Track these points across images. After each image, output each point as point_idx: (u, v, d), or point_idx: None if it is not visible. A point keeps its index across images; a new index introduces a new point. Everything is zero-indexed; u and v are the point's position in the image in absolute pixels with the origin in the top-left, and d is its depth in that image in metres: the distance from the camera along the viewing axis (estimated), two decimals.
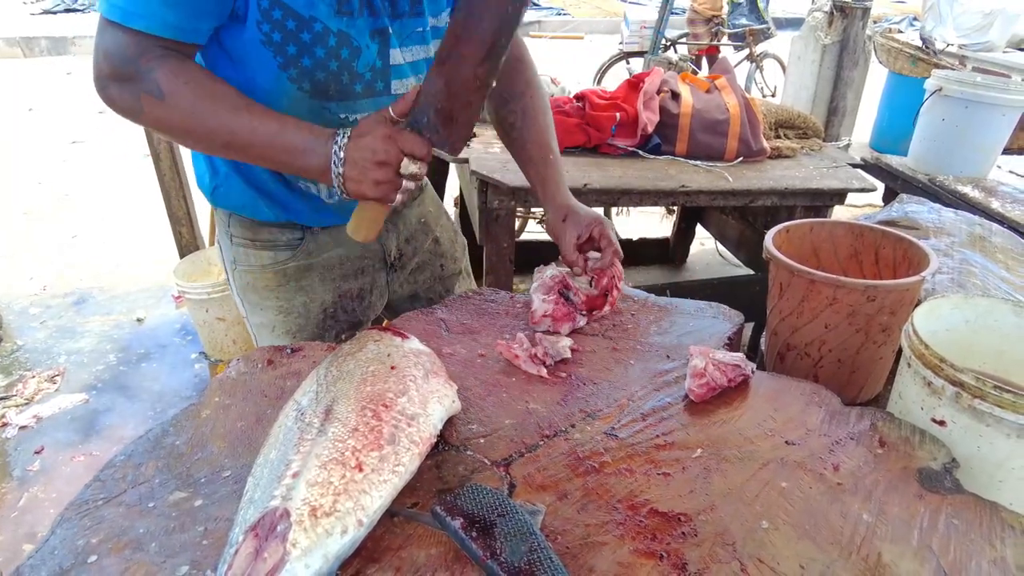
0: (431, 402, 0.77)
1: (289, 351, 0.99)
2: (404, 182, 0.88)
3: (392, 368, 0.80)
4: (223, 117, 0.86)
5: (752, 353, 2.08)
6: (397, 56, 1.02)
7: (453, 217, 1.62)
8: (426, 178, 1.26)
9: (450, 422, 0.83)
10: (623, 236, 3.57)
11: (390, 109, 0.88)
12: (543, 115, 1.21)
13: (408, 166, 0.87)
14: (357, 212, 0.92)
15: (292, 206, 1.11)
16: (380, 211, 0.92)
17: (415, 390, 0.77)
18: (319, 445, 0.67)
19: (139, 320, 2.96)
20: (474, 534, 0.63)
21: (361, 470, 0.65)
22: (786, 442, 0.80)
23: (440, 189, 2.80)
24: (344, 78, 0.97)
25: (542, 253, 3.20)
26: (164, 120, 0.87)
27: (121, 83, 0.85)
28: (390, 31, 0.98)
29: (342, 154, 0.86)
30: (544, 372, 0.93)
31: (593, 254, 1.15)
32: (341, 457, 0.66)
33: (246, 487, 0.66)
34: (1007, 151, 2.44)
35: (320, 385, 0.77)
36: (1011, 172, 2.42)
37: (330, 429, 0.69)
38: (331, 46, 0.93)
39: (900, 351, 0.92)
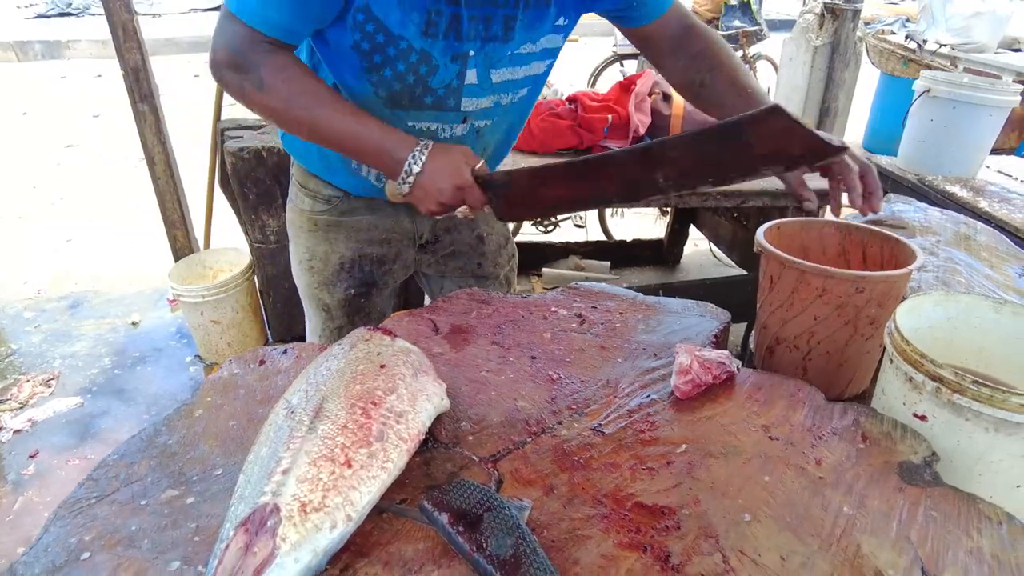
0: (420, 400, 0.79)
1: (282, 351, 1.00)
2: (454, 212, 1.05)
3: (382, 367, 0.81)
4: (313, 110, 0.98)
5: (743, 350, 2.09)
6: (472, 76, 1.08)
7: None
8: None
9: (439, 420, 0.84)
10: (617, 238, 3.59)
11: (477, 162, 1.02)
12: (728, 61, 1.16)
13: (462, 208, 1.03)
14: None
15: (339, 173, 1.23)
16: None
17: (404, 388, 0.78)
18: (309, 442, 0.68)
19: (134, 324, 2.97)
20: (461, 528, 0.64)
21: (350, 466, 0.66)
22: (770, 437, 0.82)
23: None
24: (418, 91, 1.06)
25: (539, 253, 3.22)
26: (263, 107, 1.00)
27: (232, 70, 0.97)
28: (470, 54, 1.04)
29: (416, 169, 0.99)
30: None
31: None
32: (330, 454, 0.67)
33: (237, 484, 0.67)
34: (995, 151, 2.46)
35: (310, 384, 0.78)
36: (999, 172, 2.44)
37: (320, 427, 0.70)
38: (412, 62, 1.02)
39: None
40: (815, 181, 2.28)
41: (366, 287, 1.35)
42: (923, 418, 0.83)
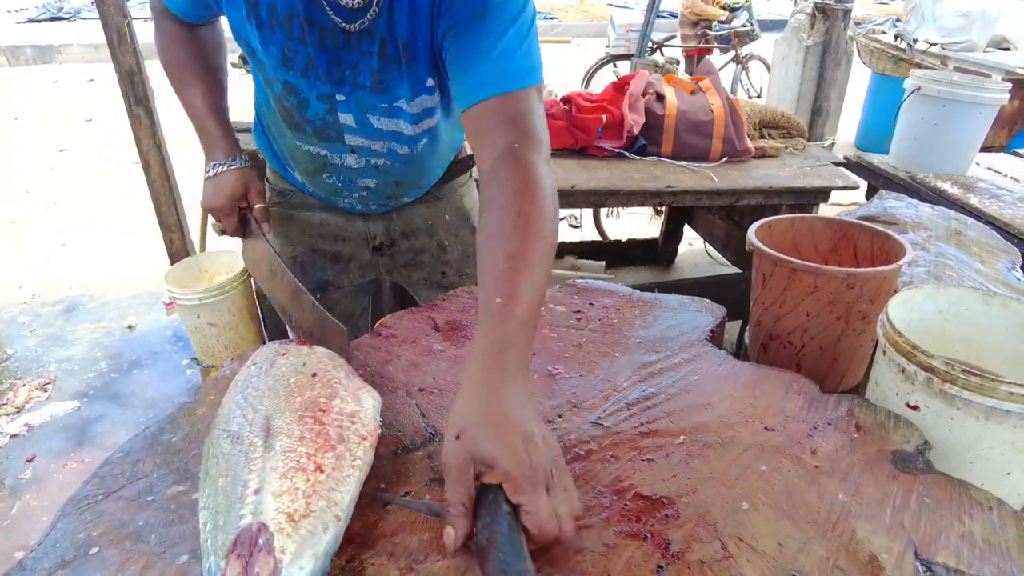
0: (363, 397, 0.79)
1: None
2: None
3: (313, 375, 0.80)
4: (180, 84, 1.18)
5: (739, 347, 2.11)
6: (348, 119, 1.09)
7: None
8: (455, 187, 1.38)
9: (443, 415, 0.85)
10: (612, 237, 3.61)
11: (251, 202, 1.18)
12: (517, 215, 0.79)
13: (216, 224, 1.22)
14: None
15: (287, 169, 1.29)
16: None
17: (344, 390, 0.78)
18: (271, 460, 0.66)
19: (130, 327, 2.96)
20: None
21: (322, 471, 0.66)
22: (766, 428, 0.83)
23: None
24: (296, 117, 1.12)
25: None
26: (161, 61, 1.19)
27: (155, 24, 1.18)
28: (338, 97, 1.06)
29: (209, 174, 1.16)
30: None
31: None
32: (298, 464, 0.66)
33: (201, 522, 0.63)
34: (985, 149, 2.49)
35: (244, 408, 0.75)
36: (989, 169, 2.47)
37: (276, 444, 0.68)
38: (282, 90, 1.08)
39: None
40: (809, 179, 2.28)
41: (320, 286, 1.36)
42: (915, 408, 0.85)
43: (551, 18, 11.84)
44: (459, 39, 0.93)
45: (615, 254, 3.47)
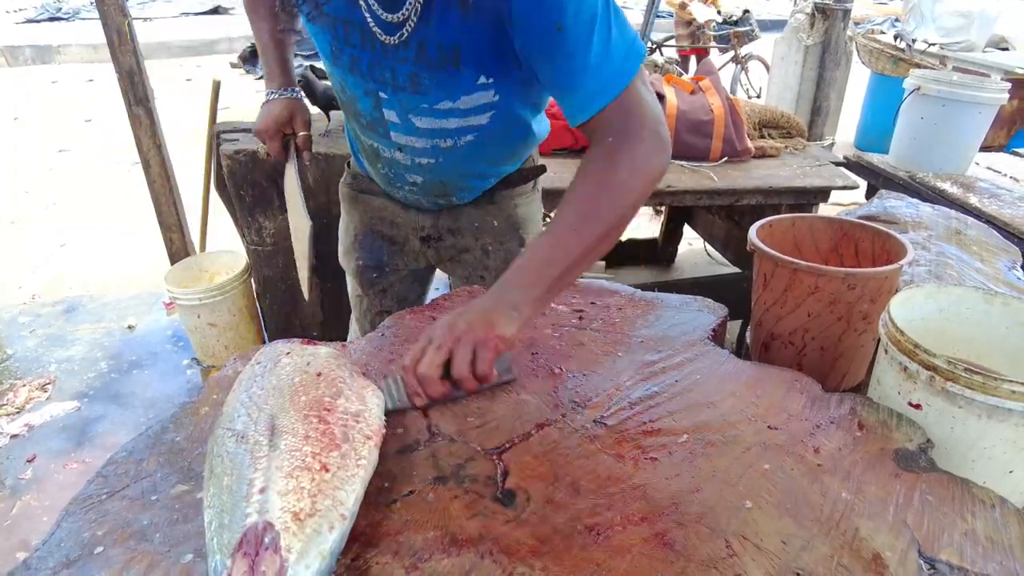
0: (367, 396, 0.79)
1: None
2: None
3: (318, 375, 0.80)
4: (256, 15, 1.32)
5: (739, 347, 2.11)
6: (392, 116, 1.13)
7: None
8: (512, 195, 1.37)
9: (445, 414, 0.85)
10: None
11: (296, 129, 1.35)
12: (585, 188, 0.93)
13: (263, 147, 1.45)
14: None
15: (358, 156, 1.38)
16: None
17: (348, 389, 0.78)
18: (276, 459, 0.66)
19: (130, 327, 2.96)
20: None
21: (327, 470, 0.66)
22: (769, 427, 0.83)
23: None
24: (351, 110, 1.20)
25: None
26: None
27: None
28: (382, 95, 1.10)
29: (263, 100, 1.33)
30: None
31: None
32: (303, 463, 0.66)
33: (206, 521, 0.63)
34: (984, 149, 2.50)
35: (248, 407, 0.75)
36: (988, 168, 2.48)
37: (281, 442, 0.68)
38: (335, 83, 1.18)
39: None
40: (809, 179, 2.28)
41: (377, 264, 1.44)
42: (918, 407, 0.85)
43: None
44: (546, 56, 0.93)
45: (614, 254, 3.47)
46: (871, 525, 0.69)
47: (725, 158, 2.34)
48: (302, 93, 1.36)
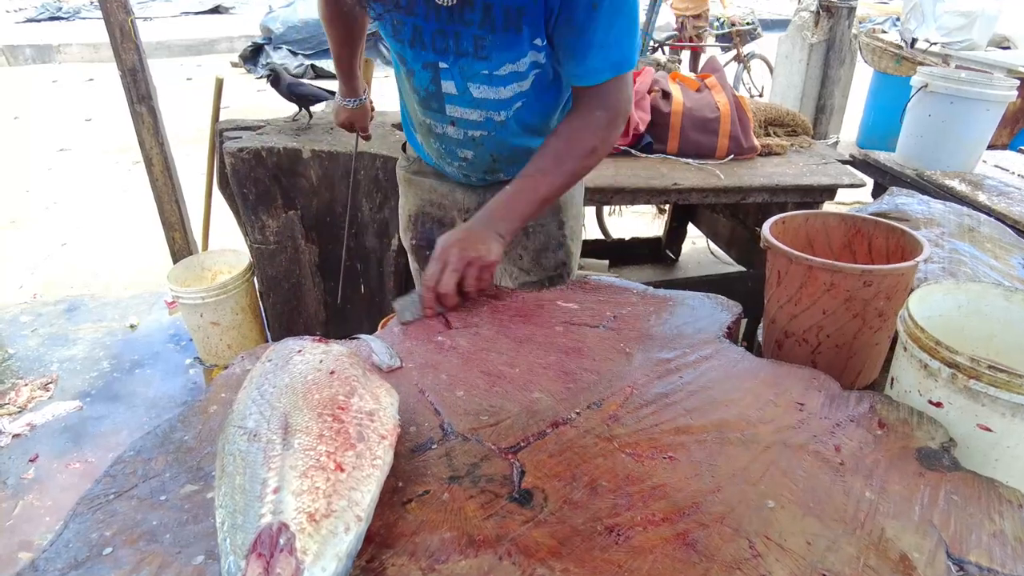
0: (382, 395, 0.77)
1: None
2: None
3: (331, 373, 0.79)
4: (327, 29, 1.46)
5: (748, 345, 2.09)
6: (450, 87, 1.20)
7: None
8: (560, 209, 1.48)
9: (458, 412, 0.84)
10: (615, 236, 3.59)
11: (358, 126, 1.71)
12: (556, 143, 1.19)
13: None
14: None
15: (414, 140, 1.47)
16: None
17: (362, 388, 0.77)
18: (290, 458, 0.65)
19: (132, 327, 2.95)
20: None
21: (343, 470, 0.64)
22: (788, 425, 0.82)
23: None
24: (409, 86, 1.26)
25: None
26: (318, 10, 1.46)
27: None
28: (441, 66, 1.16)
29: (338, 104, 1.66)
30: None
31: None
32: (318, 463, 0.64)
33: (218, 521, 0.62)
34: (992, 147, 2.48)
35: (260, 405, 0.73)
36: (996, 166, 2.46)
37: (295, 441, 0.67)
38: (396, 60, 1.24)
39: (895, 337, 0.94)
40: (815, 177, 2.26)
41: (429, 243, 1.46)
42: (939, 405, 0.84)
43: None
44: (573, 27, 1.06)
45: (618, 252, 3.45)
46: (897, 525, 0.67)
47: (731, 156, 2.33)
48: (358, 101, 1.66)
